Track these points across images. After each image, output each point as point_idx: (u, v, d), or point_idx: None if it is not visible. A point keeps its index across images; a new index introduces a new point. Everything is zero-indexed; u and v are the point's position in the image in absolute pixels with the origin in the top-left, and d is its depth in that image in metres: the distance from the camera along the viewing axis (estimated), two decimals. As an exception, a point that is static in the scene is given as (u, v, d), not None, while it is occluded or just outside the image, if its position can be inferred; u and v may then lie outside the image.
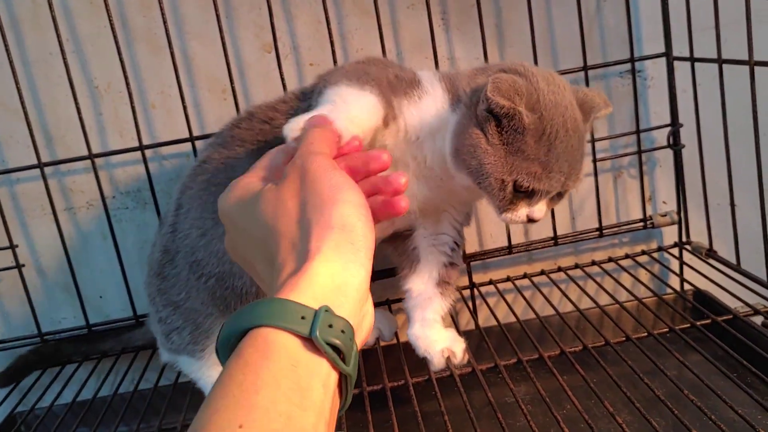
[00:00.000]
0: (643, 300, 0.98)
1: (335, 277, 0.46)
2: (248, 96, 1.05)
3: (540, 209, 0.73)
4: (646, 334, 0.86)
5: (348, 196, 0.51)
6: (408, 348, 0.86)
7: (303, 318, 0.43)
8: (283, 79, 1.00)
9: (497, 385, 0.83)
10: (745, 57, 0.87)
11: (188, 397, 0.90)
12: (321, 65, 1.05)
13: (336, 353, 0.44)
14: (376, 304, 1.02)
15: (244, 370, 0.41)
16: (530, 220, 0.73)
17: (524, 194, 0.72)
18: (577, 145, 0.71)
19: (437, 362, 0.84)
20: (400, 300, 0.99)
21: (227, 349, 0.44)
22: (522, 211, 0.73)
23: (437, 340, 0.85)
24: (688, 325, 0.88)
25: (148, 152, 1.03)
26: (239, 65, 1.05)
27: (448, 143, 0.74)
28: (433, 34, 1.01)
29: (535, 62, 1.03)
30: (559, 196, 0.75)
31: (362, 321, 0.49)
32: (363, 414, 0.78)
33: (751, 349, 0.81)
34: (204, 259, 0.81)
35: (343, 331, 0.44)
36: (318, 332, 0.42)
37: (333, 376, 0.44)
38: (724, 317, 0.88)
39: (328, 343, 0.43)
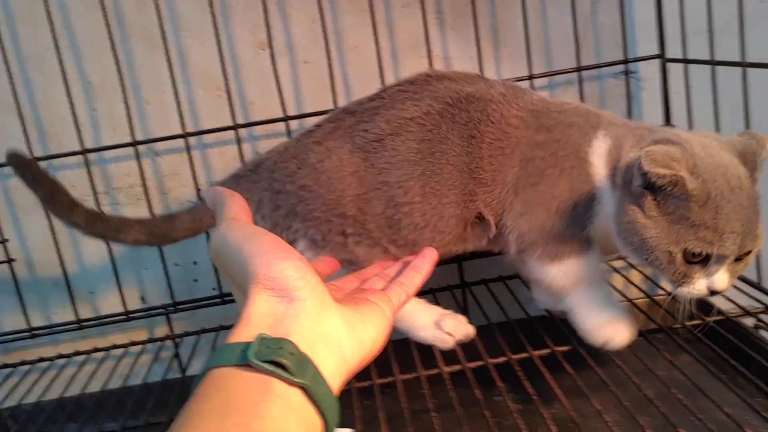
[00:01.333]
0: (635, 301, 0.98)
1: (265, 317, 0.49)
2: (242, 94, 1.06)
3: (721, 279, 0.70)
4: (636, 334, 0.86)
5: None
6: (396, 346, 0.86)
7: (242, 351, 0.46)
8: (277, 77, 1.00)
9: (486, 383, 0.83)
10: (738, 59, 0.87)
11: (175, 394, 0.90)
12: (315, 63, 1.05)
13: (282, 370, 0.45)
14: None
15: (197, 400, 0.44)
16: (713, 293, 0.71)
17: (698, 263, 0.69)
18: (747, 203, 0.68)
19: None
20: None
21: None
22: (701, 283, 0.70)
23: None
24: (680, 326, 0.88)
25: (141, 148, 1.03)
26: (234, 63, 1.05)
27: (613, 227, 0.75)
28: (427, 33, 1.01)
29: (529, 63, 1.03)
30: (739, 260, 0.71)
31: (324, 337, 0.50)
32: (350, 410, 0.78)
33: (741, 350, 0.81)
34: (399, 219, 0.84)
35: (280, 347, 0.46)
36: (251, 354, 0.45)
37: (292, 392, 0.45)
38: (715, 318, 0.88)
39: (266, 361, 0.45)
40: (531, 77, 1.04)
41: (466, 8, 1.04)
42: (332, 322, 0.51)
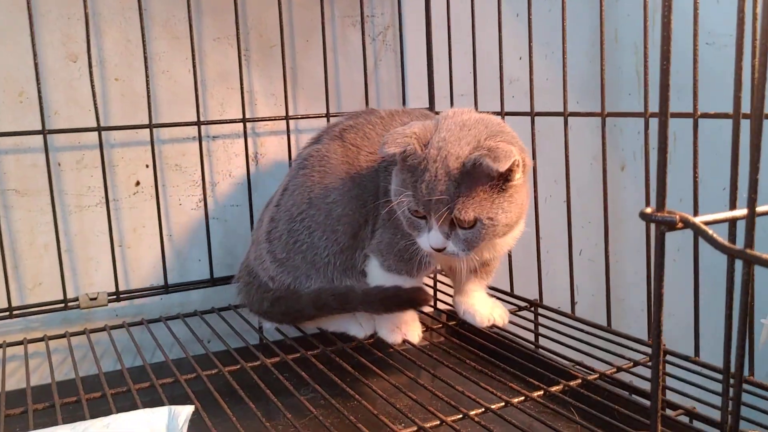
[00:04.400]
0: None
1: None
2: (48, 101, 1.04)
3: (434, 236, 0.83)
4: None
5: None
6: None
7: None
8: (93, 89, 1.02)
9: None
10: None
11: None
12: (126, 81, 1.09)
13: None
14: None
15: None
16: (436, 250, 0.84)
17: (420, 218, 0.84)
18: (440, 175, 0.80)
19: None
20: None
21: None
22: (424, 238, 0.85)
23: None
24: (442, 338, 1.05)
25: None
26: (42, 70, 1.04)
27: None
28: (241, 67, 1.11)
29: (327, 104, 1.18)
30: (464, 228, 0.82)
31: None
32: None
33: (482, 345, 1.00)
34: (298, 229, 0.98)
35: None
36: None
37: None
38: (454, 321, 1.07)
39: None
40: (327, 115, 1.19)
41: (270, 49, 1.16)
42: None
